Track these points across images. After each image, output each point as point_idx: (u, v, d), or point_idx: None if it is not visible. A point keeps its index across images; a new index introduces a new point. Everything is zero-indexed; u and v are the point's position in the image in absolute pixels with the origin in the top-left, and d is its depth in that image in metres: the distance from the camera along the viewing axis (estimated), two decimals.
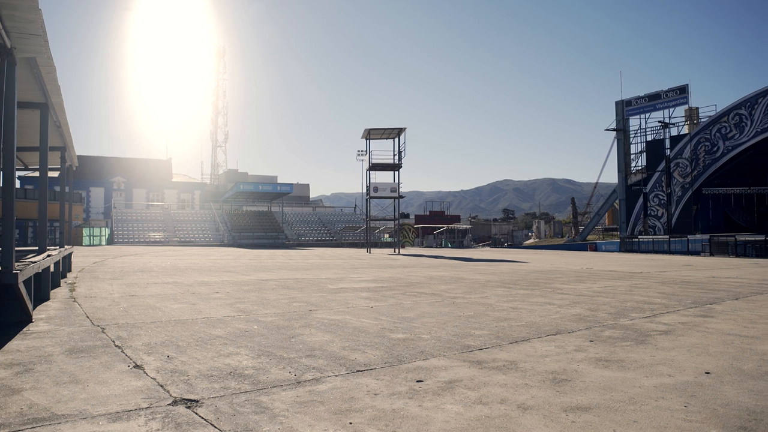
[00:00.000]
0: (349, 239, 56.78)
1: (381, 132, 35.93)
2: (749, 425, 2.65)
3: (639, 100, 46.80)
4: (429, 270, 15.52)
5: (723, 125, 40.35)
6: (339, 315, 6.20)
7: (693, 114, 45.40)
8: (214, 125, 76.92)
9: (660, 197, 44.48)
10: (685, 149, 42.83)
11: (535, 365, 3.86)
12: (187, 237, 49.58)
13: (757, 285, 10.96)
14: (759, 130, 38.24)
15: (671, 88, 44.44)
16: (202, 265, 16.02)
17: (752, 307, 7.30)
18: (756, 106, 38.30)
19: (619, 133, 48.11)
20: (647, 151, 46.54)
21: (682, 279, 12.47)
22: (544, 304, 7.48)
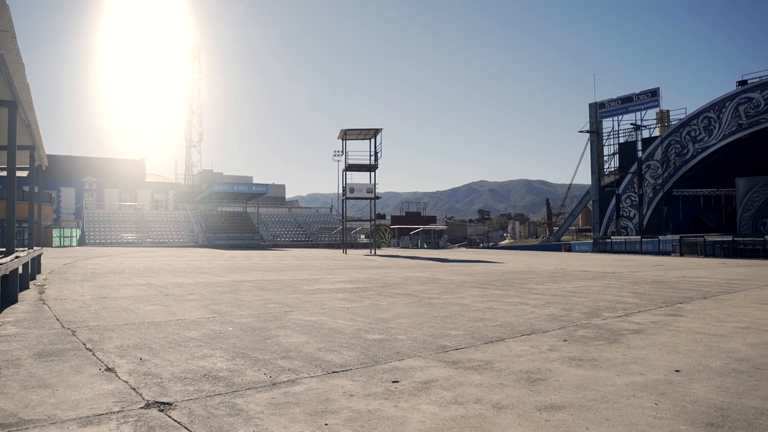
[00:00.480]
0: (325, 240, 56.60)
1: (357, 133, 35.90)
2: (717, 421, 2.72)
3: (612, 102, 47.62)
4: (405, 271, 15.55)
5: (693, 128, 41.28)
6: (315, 316, 6.17)
7: (664, 117, 46.33)
8: (188, 125, 75.89)
9: (632, 198, 45.32)
10: (656, 151, 43.70)
11: (509, 365, 3.89)
12: (160, 238, 48.84)
13: (724, 284, 11.24)
14: (726, 133, 39.23)
15: (643, 91, 45.30)
16: (176, 267, 15.80)
17: (720, 306, 7.48)
18: (724, 110, 39.28)
19: (593, 134, 48.86)
20: (620, 153, 47.36)
21: (654, 279, 12.72)
22: (519, 304, 7.55)
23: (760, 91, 37.19)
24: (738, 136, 38.56)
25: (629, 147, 46.10)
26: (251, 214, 57.39)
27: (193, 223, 53.28)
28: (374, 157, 36.01)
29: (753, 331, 5.44)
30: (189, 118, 75.79)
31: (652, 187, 43.78)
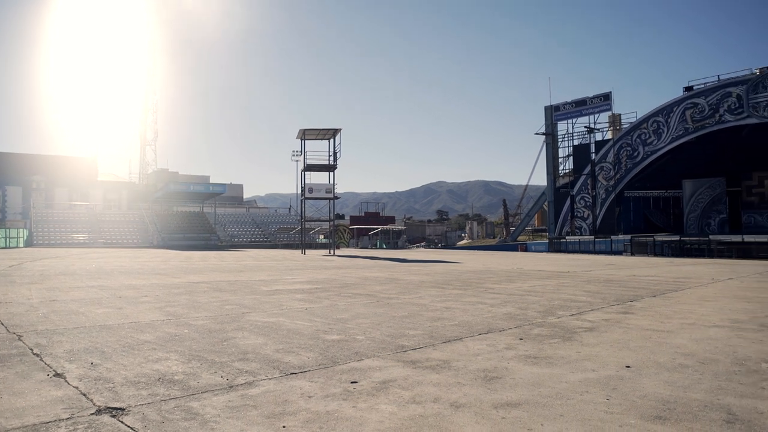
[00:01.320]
0: (283, 240, 56.06)
1: (316, 132, 35.71)
2: (664, 414, 2.82)
3: (567, 105, 48.84)
4: (364, 271, 15.56)
5: (643, 131, 42.72)
6: (273, 317, 6.10)
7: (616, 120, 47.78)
8: (143, 123, 73.83)
9: (586, 199, 46.59)
10: (608, 154, 45.05)
11: (467, 364, 3.94)
12: (113, 239, 47.39)
13: (672, 282, 11.67)
14: (674, 137, 40.77)
15: (596, 95, 46.63)
16: (129, 268, 15.36)
17: (668, 304, 7.76)
18: (671, 115, 40.82)
19: (548, 137, 50.00)
20: (574, 155, 48.62)
21: (606, 278, 13.10)
22: (477, 303, 7.66)
23: (705, 97, 38.82)
24: (685, 140, 40.13)
25: (583, 149, 47.39)
26: (208, 214, 56.33)
27: (147, 223, 51.90)
28: (333, 157, 35.90)
29: (698, 327, 5.67)
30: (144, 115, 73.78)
31: (604, 189, 45.11)
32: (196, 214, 55.94)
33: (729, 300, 8.29)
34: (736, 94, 37.25)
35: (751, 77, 36.86)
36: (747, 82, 36.77)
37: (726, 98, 37.72)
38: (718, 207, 44.61)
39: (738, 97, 37.06)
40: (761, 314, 6.65)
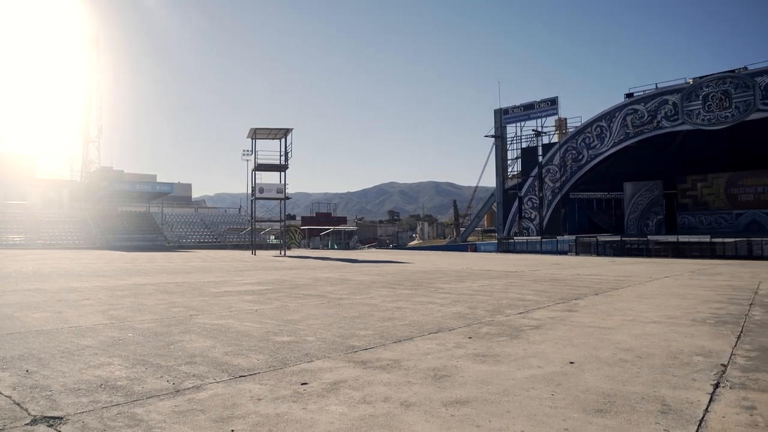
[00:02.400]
0: (233, 241, 55.07)
1: (267, 132, 35.25)
2: (605, 407, 2.94)
3: (515, 109, 49.98)
4: (315, 272, 15.47)
5: (587, 135, 44.21)
6: (222, 319, 5.99)
7: (562, 124, 49.27)
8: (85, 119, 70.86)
9: (533, 201, 47.80)
10: (555, 156, 46.38)
11: (417, 363, 3.98)
12: (53, 240, 45.32)
13: (613, 281, 12.13)
14: (616, 141, 42.38)
15: (543, 100, 47.95)
16: (70, 270, 14.74)
17: (609, 301, 8.07)
18: (614, 120, 42.42)
19: (497, 139, 51.04)
20: (522, 158, 49.82)
21: (552, 277, 13.48)
22: (427, 303, 7.74)
23: (644, 104, 40.52)
24: (626, 144, 41.78)
25: (531, 152, 48.62)
26: (155, 214, 54.70)
27: (90, 223, 49.91)
28: (285, 157, 35.54)
29: (636, 323, 5.91)
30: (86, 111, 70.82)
31: (551, 190, 46.42)
32: (142, 214, 54.23)
33: (665, 297, 8.69)
34: (672, 102, 39.05)
35: (685, 86, 38.72)
36: (682, 91, 38.61)
37: (663, 105, 39.49)
38: (656, 209, 46.67)
39: (674, 105, 38.86)
40: (693, 310, 7.00)
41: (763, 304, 7.86)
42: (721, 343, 4.83)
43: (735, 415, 2.85)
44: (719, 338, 5.05)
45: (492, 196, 53.80)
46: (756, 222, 41.95)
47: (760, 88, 34.81)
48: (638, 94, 41.50)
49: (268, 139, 36.84)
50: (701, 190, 45.16)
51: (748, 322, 6.07)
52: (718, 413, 2.87)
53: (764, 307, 7.40)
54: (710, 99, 37.16)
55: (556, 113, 47.70)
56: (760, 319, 6.27)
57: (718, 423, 2.72)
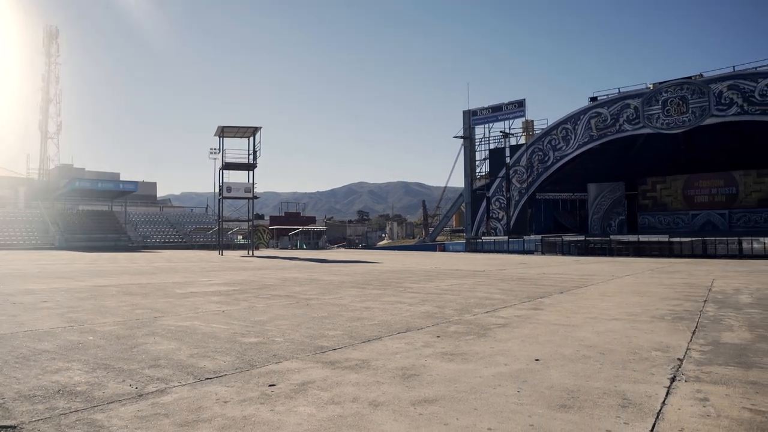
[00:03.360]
0: (200, 241, 54.21)
1: (235, 130, 34.82)
2: (568, 403, 3.00)
3: (484, 110, 50.52)
4: (283, 272, 15.36)
5: (553, 137, 45.01)
6: (187, 321, 5.89)
7: (529, 126, 50.03)
8: (43, 114, 68.72)
9: (501, 201, 48.41)
10: (522, 158, 47.08)
11: (386, 362, 3.99)
12: (7, 240, 43.79)
13: (577, 280, 12.38)
14: (581, 143, 43.28)
15: (511, 102, 48.59)
16: (26, 271, 14.28)
17: (573, 300, 8.23)
18: (579, 122, 43.30)
19: (466, 140, 51.51)
20: (490, 159, 50.41)
21: (519, 276, 13.69)
22: (396, 303, 7.77)
23: (607, 108, 41.49)
24: (590, 146, 42.70)
25: (499, 153, 49.24)
26: (118, 213, 53.39)
27: (48, 223, 48.40)
28: (253, 156, 35.16)
29: (599, 320, 6.05)
30: (45, 106, 68.69)
31: (518, 191, 47.10)
32: (105, 213, 52.89)
33: (626, 295, 8.92)
34: (633, 106, 40.08)
35: (646, 91, 39.79)
36: (643, 96, 39.67)
37: (625, 109, 40.51)
38: (618, 209, 47.84)
39: (635, 109, 39.90)
40: (652, 307, 7.21)
41: (716, 300, 8.14)
42: (677, 338, 4.98)
43: (689, 407, 2.96)
44: (676, 334, 5.21)
45: (460, 196, 54.27)
46: (710, 222, 43.43)
47: (714, 94, 36.03)
48: (602, 98, 42.46)
49: (236, 138, 36.40)
50: (660, 191, 46.49)
51: (702, 318, 6.29)
52: (674, 406, 2.97)
53: (717, 304, 7.67)
54: (669, 104, 38.28)
55: (523, 115, 48.44)
56: (713, 315, 6.50)
57: (674, 415, 2.81)
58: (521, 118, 48.86)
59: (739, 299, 8.36)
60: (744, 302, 7.95)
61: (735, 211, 42.44)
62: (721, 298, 8.56)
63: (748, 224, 41.47)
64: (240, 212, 40.22)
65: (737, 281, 12.07)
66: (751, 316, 6.43)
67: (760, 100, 34.09)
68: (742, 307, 7.39)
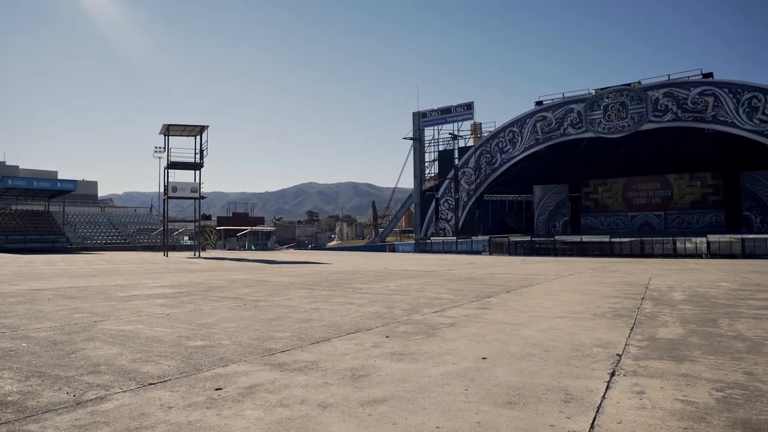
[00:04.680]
0: (144, 242, 52.51)
1: (182, 129, 33.94)
2: (514, 400, 3.08)
3: (433, 112, 51.08)
4: (231, 273, 15.07)
5: (500, 140, 45.96)
6: (130, 325, 5.70)
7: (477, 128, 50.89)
8: None
9: (449, 202, 49.07)
10: (470, 159, 47.86)
11: (335, 364, 3.98)
12: None
13: (523, 279, 12.70)
14: (527, 146, 44.40)
15: (460, 104, 49.31)
16: None
17: (519, 299, 8.44)
18: (525, 125, 44.41)
19: (416, 141, 51.93)
20: (439, 160, 50.99)
21: (467, 276, 13.91)
22: (345, 303, 7.76)
23: (552, 112, 42.75)
24: (535, 149, 43.86)
25: (448, 155, 49.88)
26: (55, 213, 51.05)
27: None
28: (200, 155, 34.40)
29: (544, 318, 6.23)
30: None
31: (466, 192, 47.85)
32: (41, 213, 50.49)
33: (569, 294, 9.22)
34: (577, 111, 41.45)
35: (588, 96, 41.22)
36: (585, 101, 41.08)
37: (569, 114, 41.84)
38: (562, 210, 49.40)
39: (578, 114, 41.27)
40: (594, 305, 7.48)
41: (652, 298, 8.53)
42: (617, 335, 5.19)
43: (627, 400, 3.09)
44: (615, 330, 5.43)
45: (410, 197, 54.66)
46: (648, 223, 45.41)
47: (651, 101, 37.71)
48: (547, 102, 43.70)
49: (182, 136, 35.50)
50: (602, 193, 48.25)
51: (639, 314, 6.57)
52: (613, 399, 3.09)
53: (653, 301, 8.03)
54: (610, 109, 39.79)
55: (471, 118, 49.23)
56: (650, 312, 6.80)
57: (613, 408, 2.93)
58: (470, 120, 49.69)
59: (673, 296, 8.78)
60: (677, 299, 8.35)
61: (670, 213, 44.53)
62: (657, 295, 8.96)
63: (682, 225, 43.60)
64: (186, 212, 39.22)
65: (671, 279, 12.68)
66: (683, 312, 6.77)
67: (692, 108, 35.91)
68: (675, 304, 7.77)
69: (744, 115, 33.89)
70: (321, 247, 66.10)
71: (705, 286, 10.80)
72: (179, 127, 33.66)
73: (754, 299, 8.29)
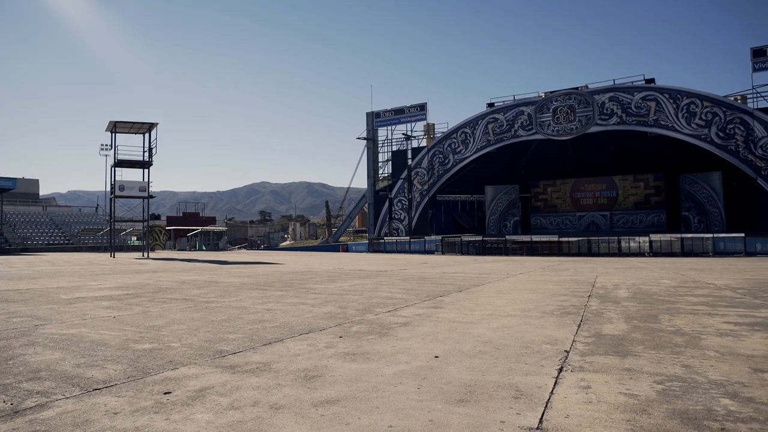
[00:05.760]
0: (89, 243, 50.62)
1: (129, 126, 32.91)
2: (466, 397, 3.13)
3: (387, 113, 51.27)
4: (181, 274, 14.71)
5: (453, 141, 46.55)
6: (74, 328, 5.49)
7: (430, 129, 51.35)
8: None
9: (403, 202, 49.35)
10: (423, 160, 48.28)
11: (288, 365, 3.95)
12: None
13: (475, 278, 12.91)
14: (479, 147, 45.12)
15: (413, 105, 49.67)
16: None
17: (471, 297, 8.58)
18: (477, 127, 45.13)
19: (369, 141, 52.00)
20: (393, 160, 51.22)
21: (419, 275, 14.03)
22: (298, 304, 7.70)
23: (503, 113, 43.61)
24: (487, 150, 44.64)
25: (401, 155, 50.16)
26: None
27: None
28: (149, 153, 33.45)
29: (495, 317, 6.35)
30: None
31: (419, 192, 48.23)
32: None
33: (520, 292, 9.43)
34: (527, 113, 42.44)
35: (538, 99, 42.27)
36: (535, 103, 42.11)
37: (519, 116, 42.79)
38: (513, 210, 50.50)
39: (529, 116, 42.27)
40: (543, 303, 7.68)
41: (598, 295, 8.83)
42: (565, 332, 5.35)
43: (574, 395, 3.19)
44: (564, 327, 5.59)
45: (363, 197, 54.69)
46: (594, 223, 46.98)
47: (597, 105, 39.01)
48: (498, 104, 44.54)
49: (130, 134, 34.45)
50: (551, 194, 49.59)
51: (586, 312, 6.79)
52: (561, 395, 3.19)
53: (599, 299, 8.31)
54: (558, 112, 40.93)
55: (425, 118, 49.66)
56: (596, 309, 7.04)
57: (560, 403, 3.02)
58: (423, 121, 50.10)
59: (618, 294, 9.11)
60: (622, 296, 8.67)
61: (615, 213, 46.18)
62: (603, 293, 9.28)
63: (626, 225, 45.31)
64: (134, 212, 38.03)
65: (616, 277, 13.15)
66: (627, 309, 7.03)
67: (636, 112, 37.33)
68: (620, 301, 8.06)
69: (683, 119, 35.49)
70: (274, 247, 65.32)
71: (647, 283, 11.25)
72: (127, 124, 32.64)
73: (692, 295, 8.70)
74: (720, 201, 39.77)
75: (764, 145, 32.83)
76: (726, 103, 34.50)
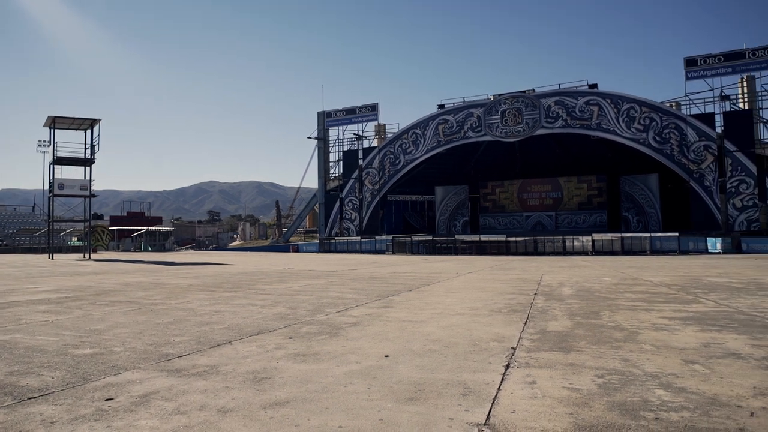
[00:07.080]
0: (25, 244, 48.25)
1: (70, 121, 31.55)
2: (415, 395, 3.16)
3: (338, 112, 51.10)
4: (125, 276, 14.22)
5: (404, 141, 46.85)
6: (7, 334, 5.22)
7: (381, 129, 51.50)
8: None
9: (354, 202, 49.31)
10: (374, 160, 48.38)
11: (236, 367, 3.89)
12: None
13: (425, 278, 13.04)
14: (429, 148, 45.59)
15: (365, 105, 49.69)
16: None
17: (421, 297, 8.66)
18: (427, 128, 45.59)
19: (320, 141, 51.69)
20: (344, 160, 51.09)
21: (370, 275, 14.06)
22: (247, 305, 7.58)
23: (454, 115, 44.23)
24: (437, 151, 45.16)
25: (352, 155, 50.11)
26: None
27: None
28: (91, 150, 32.16)
29: (444, 315, 6.44)
30: None
31: (370, 193, 48.32)
32: None
33: (469, 291, 9.59)
34: (476, 115, 43.20)
35: (487, 102, 43.10)
36: (485, 106, 42.91)
37: (469, 118, 43.50)
38: (462, 210, 51.34)
39: (478, 118, 43.03)
40: (491, 302, 7.85)
41: (544, 293, 9.08)
42: (512, 329, 5.48)
43: (520, 390, 3.28)
44: (511, 325, 5.73)
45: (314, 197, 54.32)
46: (540, 223, 48.31)
47: (543, 108, 40.14)
48: (449, 105, 45.13)
49: (71, 130, 33.02)
50: (499, 194, 50.68)
51: (532, 309, 6.98)
52: (507, 391, 3.27)
53: (545, 296, 8.56)
54: (507, 114, 41.85)
55: (376, 119, 49.78)
56: (542, 307, 7.25)
57: (507, 399, 3.10)
58: (374, 121, 50.20)
59: (562, 292, 9.40)
60: (566, 294, 8.95)
61: (560, 213, 47.62)
62: (548, 291, 9.55)
63: (570, 225, 46.78)
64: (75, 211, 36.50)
65: (561, 275, 13.55)
66: (571, 306, 7.27)
67: (579, 116, 38.60)
68: (564, 298, 8.32)
69: (623, 123, 36.94)
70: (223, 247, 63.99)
71: (590, 281, 11.66)
72: (67, 120, 31.27)
73: (631, 292, 9.07)
74: (657, 202, 41.64)
75: (696, 149, 34.57)
76: (662, 108, 36.14)
